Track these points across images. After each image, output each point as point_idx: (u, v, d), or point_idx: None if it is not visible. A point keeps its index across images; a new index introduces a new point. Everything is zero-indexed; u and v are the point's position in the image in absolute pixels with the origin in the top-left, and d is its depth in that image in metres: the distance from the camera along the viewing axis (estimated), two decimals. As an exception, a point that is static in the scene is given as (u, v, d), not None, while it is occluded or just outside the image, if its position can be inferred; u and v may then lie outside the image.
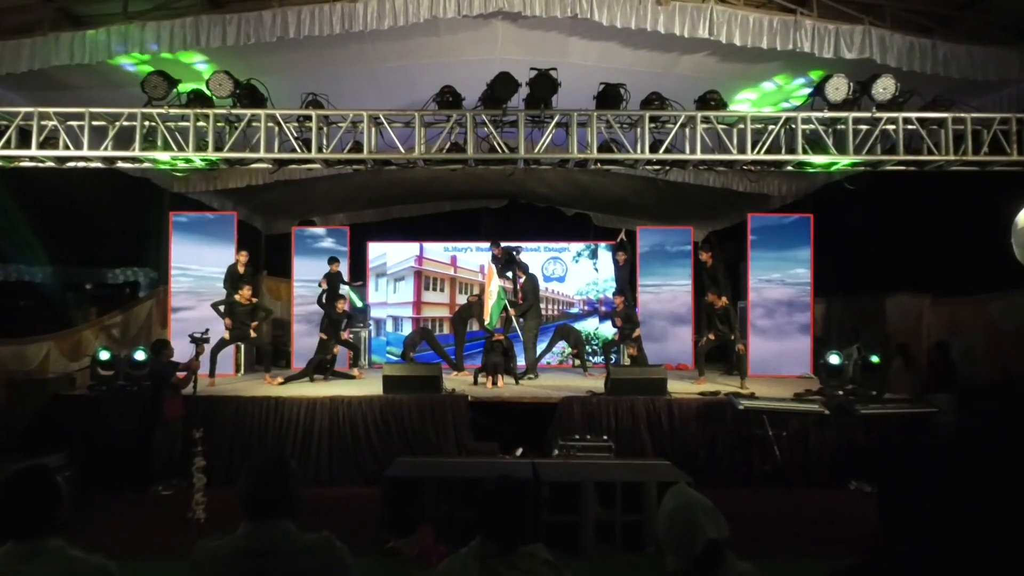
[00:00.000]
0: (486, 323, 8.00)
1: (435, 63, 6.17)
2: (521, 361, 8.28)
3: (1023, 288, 6.25)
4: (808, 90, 6.06)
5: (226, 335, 7.42)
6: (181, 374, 6.02)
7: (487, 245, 8.70)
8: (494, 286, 8.01)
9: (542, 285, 9.20)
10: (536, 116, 5.83)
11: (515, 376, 7.52)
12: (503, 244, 8.48)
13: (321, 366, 7.65)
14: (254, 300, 7.58)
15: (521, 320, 8.07)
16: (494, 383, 7.25)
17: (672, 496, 1.84)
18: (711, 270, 8.00)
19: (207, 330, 7.14)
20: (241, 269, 7.81)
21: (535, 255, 9.94)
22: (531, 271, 8.37)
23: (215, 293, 8.21)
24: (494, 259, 8.31)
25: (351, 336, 8.87)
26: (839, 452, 6.05)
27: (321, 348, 7.79)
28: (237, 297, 7.46)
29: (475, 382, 7.24)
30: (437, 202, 11.35)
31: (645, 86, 5.85)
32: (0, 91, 6.04)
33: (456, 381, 7.45)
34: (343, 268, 8.80)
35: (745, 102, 6.83)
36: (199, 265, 8.48)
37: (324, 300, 8.20)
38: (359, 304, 9.67)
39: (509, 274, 8.35)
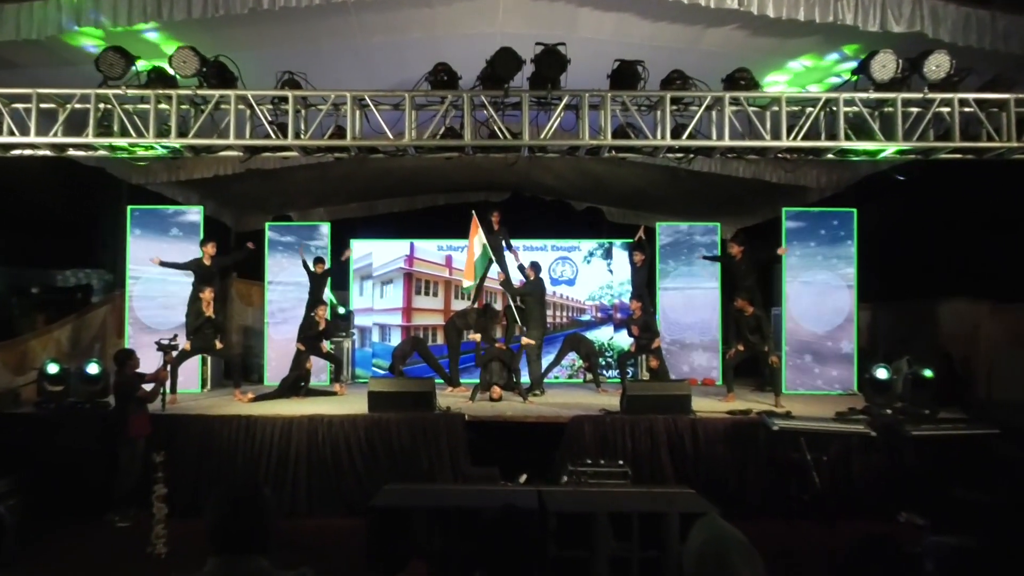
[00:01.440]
0: (464, 285, 8.04)
1: (428, 38, 6.19)
2: (525, 375, 8.30)
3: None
4: (849, 66, 6.05)
5: (187, 346, 7.43)
6: (149, 386, 6.01)
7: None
8: (477, 242, 7.98)
9: (549, 289, 9.23)
10: (542, 97, 5.84)
11: (519, 392, 7.53)
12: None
13: (296, 385, 7.68)
14: (210, 313, 7.48)
15: (519, 327, 8.14)
16: (495, 400, 7.24)
17: (701, 529, 1.80)
18: (741, 269, 8.01)
19: (176, 336, 7.16)
20: (208, 262, 7.80)
21: (541, 255, 9.95)
22: (540, 275, 8.37)
23: (179, 298, 8.23)
24: (489, 228, 8.33)
25: (331, 346, 8.89)
26: (887, 479, 6.03)
27: (296, 363, 7.83)
28: (203, 297, 7.45)
29: (473, 399, 7.24)
30: (430, 195, 11.38)
31: (666, 63, 5.86)
32: (-64, 71, 6.08)
33: (451, 398, 7.46)
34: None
35: (777, 84, 6.84)
36: (163, 265, 8.50)
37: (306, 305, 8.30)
38: (341, 310, 9.69)
39: (509, 257, 8.40)
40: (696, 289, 9.40)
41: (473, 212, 8.14)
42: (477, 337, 8.21)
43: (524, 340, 7.96)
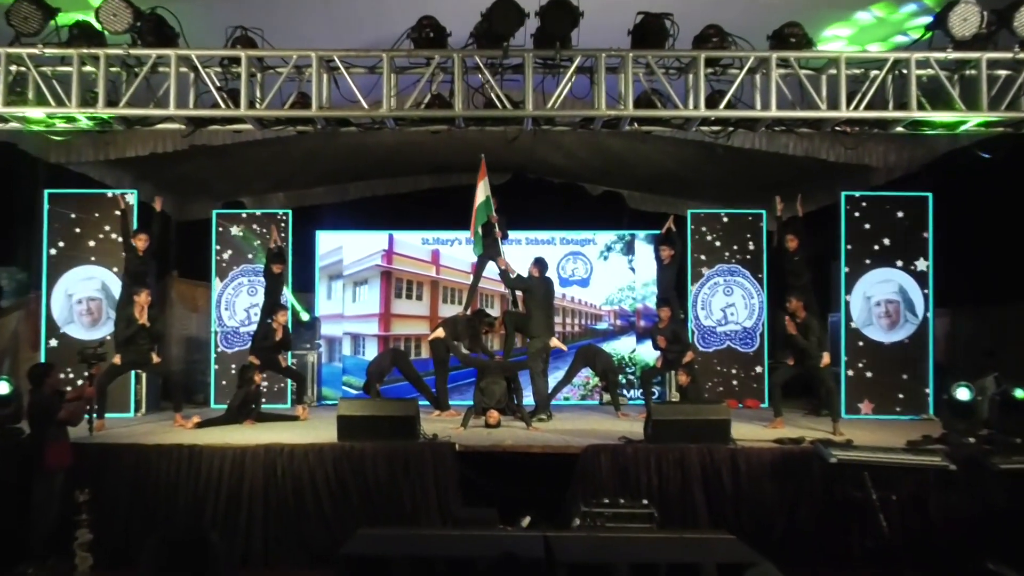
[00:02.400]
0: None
1: (410, -15, 6.21)
2: (529, 396, 8.30)
3: None
4: (926, 21, 6.06)
5: (117, 360, 7.45)
6: (70, 407, 5.98)
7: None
8: (482, 189, 8.02)
9: (558, 291, 9.31)
10: (549, 58, 5.86)
11: (521, 416, 7.54)
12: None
13: (245, 406, 7.71)
14: (144, 321, 7.46)
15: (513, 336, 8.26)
16: (491, 426, 7.26)
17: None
18: (795, 264, 8.01)
19: (102, 343, 7.16)
20: (141, 254, 7.82)
21: (548, 249, 9.97)
22: (546, 272, 8.39)
23: (111, 302, 8.24)
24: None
25: (292, 360, 8.90)
26: (970, 522, 6.02)
27: (242, 378, 7.87)
28: (136, 300, 7.45)
29: (465, 425, 7.26)
30: (413, 177, 11.39)
31: (699, 17, 5.86)
32: None
33: (439, 424, 7.48)
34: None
35: (837, 39, 6.85)
36: (84, 264, 8.53)
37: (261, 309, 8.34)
38: (304, 317, 9.72)
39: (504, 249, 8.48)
40: (737, 290, 9.42)
41: (483, 156, 8.09)
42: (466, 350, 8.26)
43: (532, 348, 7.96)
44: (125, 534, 5.93)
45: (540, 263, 8.35)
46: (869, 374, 8.59)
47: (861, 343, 8.62)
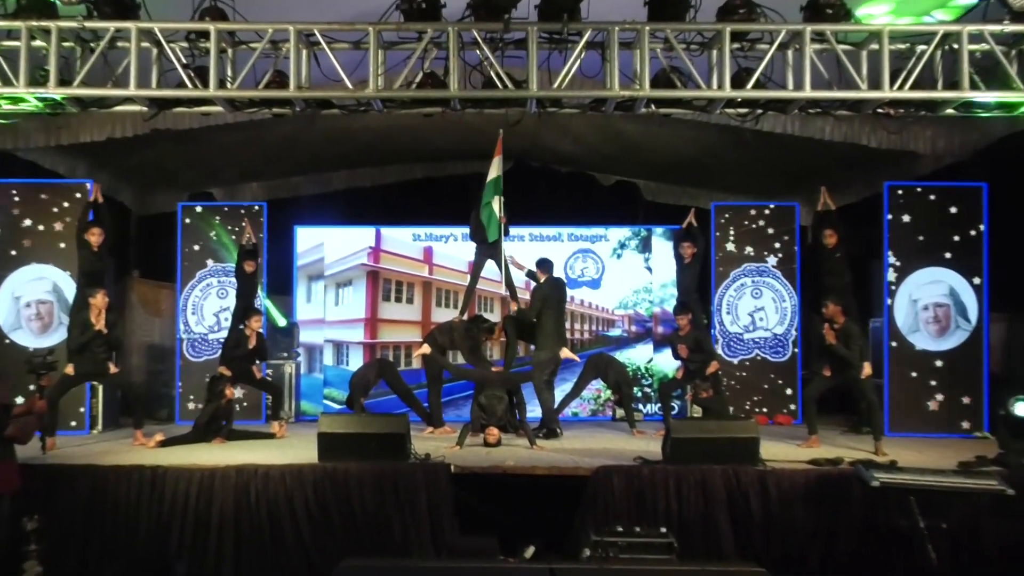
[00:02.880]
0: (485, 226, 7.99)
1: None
2: (534, 410, 8.30)
3: None
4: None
5: (70, 369, 7.46)
6: (18, 423, 5.95)
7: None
8: (495, 165, 8.02)
9: (567, 292, 9.31)
10: (556, 33, 5.87)
11: (524, 434, 7.54)
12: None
13: (214, 423, 7.73)
14: (101, 326, 7.44)
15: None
16: (491, 445, 7.26)
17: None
18: (834, 263, 8.01)
19: (53, 351, 7.15)
20: (96, 250, 7.84)
21: (554, 247, 10.00)
22: (554, 274, 8.41)
23: (64, 305, 8.23)
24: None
25: (267, 371, 8.90)
26: (1030, 553, 6.02)
27: (211, 391, 7.87)
28: (92, 303, 7.44)
29: (461, 443, 7.26)
30: (403, 165, 11.43)
31: (724, -15, 5.88)
32: None
33: (432, 442, 7.49)
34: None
35: (876, 15, 6.83)
36: (36, 262, 8.53)
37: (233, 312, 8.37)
38: (281, 323, 9.72)
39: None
40: (767, 292, 9.44)
41: (501, 131, 8.09)
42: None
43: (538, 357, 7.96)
44: (80, 566, 5.93)
45: (546, 265, 8.35)
46: (919, 387, 8.55)
47: (906, 352, 8.59)
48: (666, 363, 9.65)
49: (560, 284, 8.44)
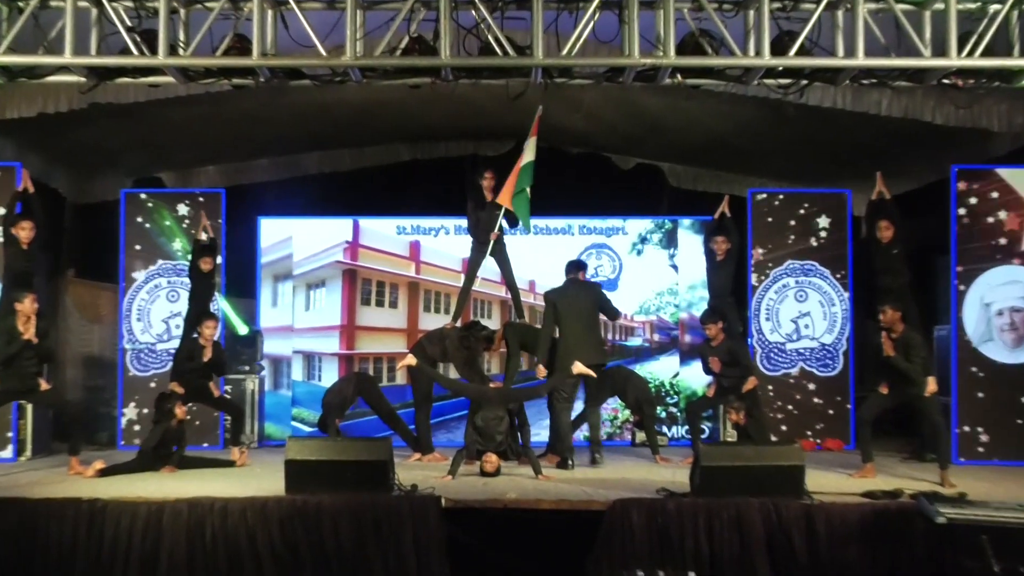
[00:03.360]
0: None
1: None
2: (538, 432, 8.37)
3: None
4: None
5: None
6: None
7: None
8: (530, 146, 8.09)
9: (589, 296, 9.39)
10: (565, -9, 5.91)
11: (528, 461, 7.58)
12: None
13: (164, 449, 7.75)
14: (30, 335, 7.41)
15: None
16: (488, 474, 7.32)
17: None
18: (892, 261, 8.06)
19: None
20: (25, 247, 7.88)
21: (563, 240, 10.02)
22: (573, 275, 8.47)
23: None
24: (479, 199, 8.49)
25: (225, 387, 8.95)
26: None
27: (160, 411, 7.87)
28: (19, 308, 7.46)
29: (454, 473, 7.29)
30: (385, 146, 11.42)
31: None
32: None
33: (419, 471, 7.49)
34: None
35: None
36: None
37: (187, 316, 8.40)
38: (242, 331, 9.78)
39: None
40: (813, 295, 9.50)
41: (540, 108, 8.16)
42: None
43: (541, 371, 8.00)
44: (8, 614, 5.96)
45: (578, 267, 8.52)
46: (992, 406, 8.58)
47: (977, 365, 8.61)
48: (695, 378, 9.68)
49: (591, 289, 8.49)
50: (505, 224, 8.51)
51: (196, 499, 6.25)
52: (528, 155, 8.21)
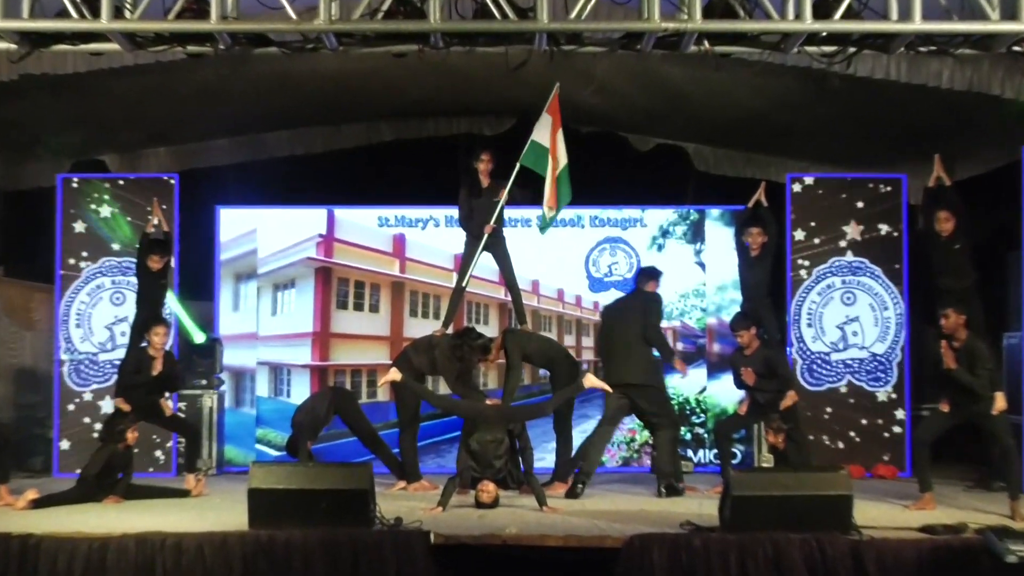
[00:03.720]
0: (546, 214, 8.33)
1: None
2: (542, 457, 8.31)
3: None
4: None
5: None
6: None
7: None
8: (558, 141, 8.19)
9: (588, 296, 9.24)
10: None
11: (531, 490, 7.53)
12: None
13: (108, 476, 7.72)
14: None
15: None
16: (485, 505, 7.28)
17: None
18: (953, 257, 8.01)
19: None
20: None
21: (573, 233, 10.03)
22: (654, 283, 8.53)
23: None
24: (474, 184, 8.52)
25: (179, 405, 8.90)
26: None
27: (108, 432, 7.83)
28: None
29: (444, 504, 7.26)
30: (365, 124, 11.41)
31: None
32: None
33: (405, 502, 7.48)
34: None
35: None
36: None
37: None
38: (198, 339, 9.74)
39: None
40: (862, 297, 9.46)
41: (557, 85, 8.20)
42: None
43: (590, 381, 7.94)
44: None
45: (650, 274, 8.60)
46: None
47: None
48: (725, 394, 9.67)
49: (630, 300, 8.61)
50: (540, 218, 8.64)
51: (145, 534, 6.24)
52: (560, 155, 8.36)
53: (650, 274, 8.60)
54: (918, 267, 9.10)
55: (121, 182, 9.80)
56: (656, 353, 8.38)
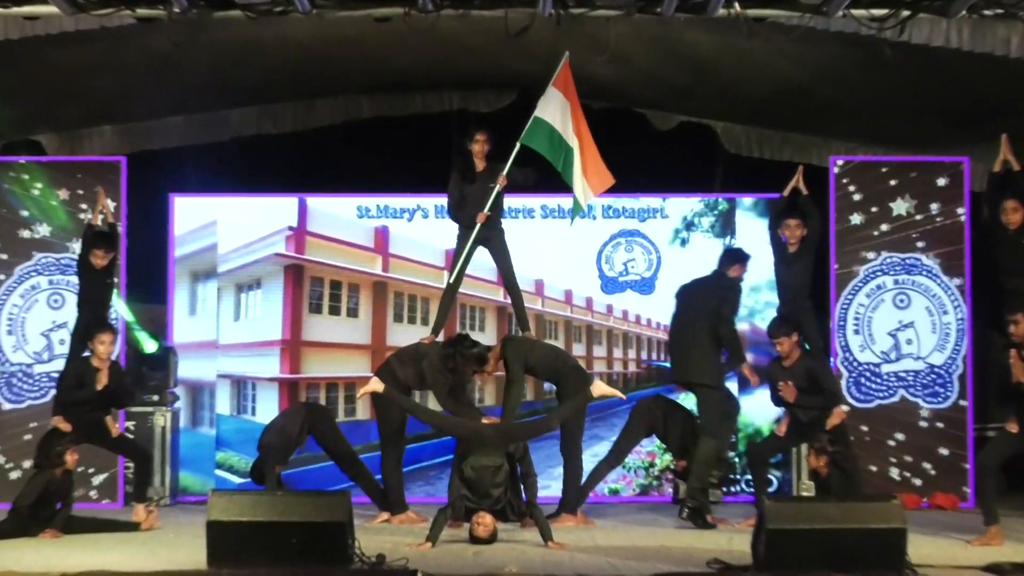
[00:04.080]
0: (584, 199, 8.41)
1: None
2: (547, 484, 8.28)
3: None
4: None
5: None
6: None
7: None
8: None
9: (600, 298, 9.19)
10: None
11: (535, 523, 7.52)
12: None
13: (45, 508, 7.70)
14: None
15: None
16: (480, 540, 7.25)
17: None
18: (1021, 254, 7.98)
19: None
20: None
21: (582, 227, 9.93)
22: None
23: None
24: (467, 167, 8.53)
25: (127, 424, 8.88)
26: None
27: (47, 454, 7.80)
28: None
29: (434, 539, 7.23)
30: (343, 99, 11.45)
31: None
32: None
33: (389, 536, 7.48)
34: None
35: None
36: None
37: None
38: (149, 348, 9.74)
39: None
40: (917, 299, 9.45)
41: (566, 55, 8.16)
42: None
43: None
44: None
45: (735, 257, 8.69)
46: None
47: None
48: (759, 411, 9.68)
49: (705, 284, 8.73)
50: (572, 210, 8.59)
51: (88, 573, 6.23)
52: (549, 114, 8.30)
53: (736, 257, 8.64)
54: (982, 264, 9.05)
55: (60, 166, 9.80)
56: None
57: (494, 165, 8.52)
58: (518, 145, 8.39)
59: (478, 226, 8.38)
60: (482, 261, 8.72)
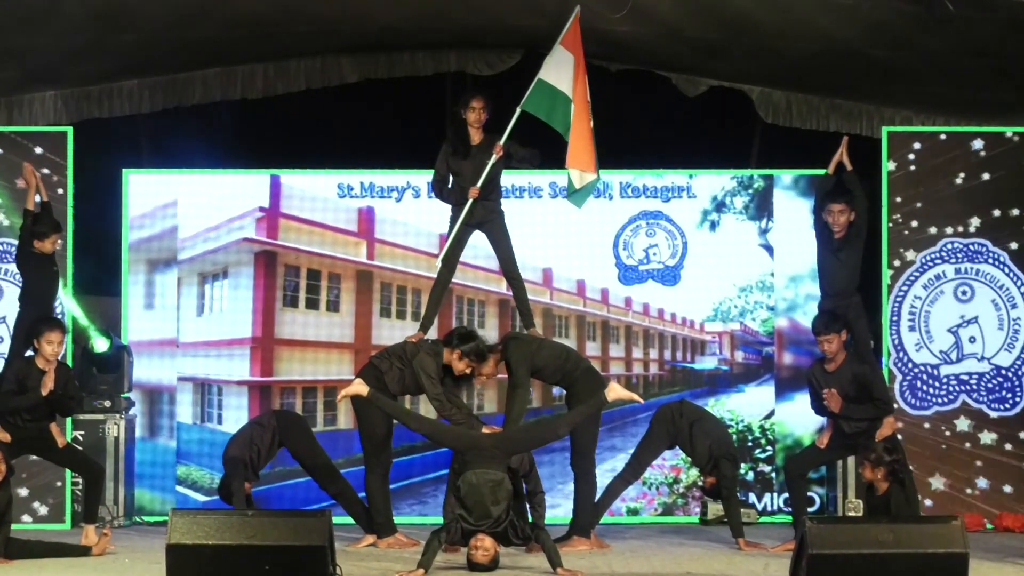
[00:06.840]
0: (583, 180, 8.38)
1: None
2: (557, 503, 8.34)
3: None
4: None
5: None
6: None
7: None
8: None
9: (618, 289, 9.27)
10: None
11: (541, 547, 7.56)
12: None
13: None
14: None
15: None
16: (480, 566, 7.30)
17: None
18: None
19: None
20: None
21: (598, 207, 10.00)
22: None
23: None
24: (461, 137, 8.54)
25: (75, 434, 8.95)
26: None
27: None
28: None
29: (427, 565, 7.28)
30: (320, 60, 11.43)
31: None
32: None
33: (376, 562, 7.53)
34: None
35: None
36: None
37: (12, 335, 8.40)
38: (100, 347, 9.76)
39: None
40: (982, 291, 9.52)
41: (577, 9, 8.27)
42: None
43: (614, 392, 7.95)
44: None
45: None
46: None
47: None
48: (798, 420, 9.75)
49: None
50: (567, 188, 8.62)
51: None
52: (553, 77, 8.38)
53: None
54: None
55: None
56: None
57: (492, 137, 8.48)
58: (518, 111, 8.36)
59: (469, 202, 8.32)
60: (481, 246, 8.75)
